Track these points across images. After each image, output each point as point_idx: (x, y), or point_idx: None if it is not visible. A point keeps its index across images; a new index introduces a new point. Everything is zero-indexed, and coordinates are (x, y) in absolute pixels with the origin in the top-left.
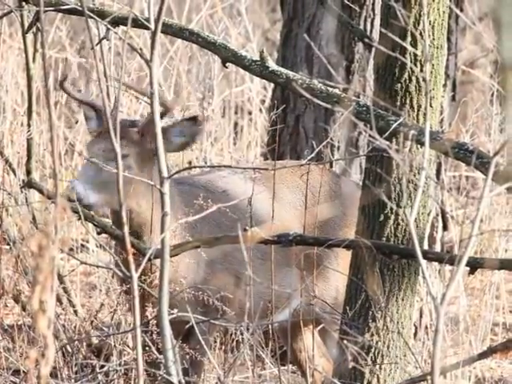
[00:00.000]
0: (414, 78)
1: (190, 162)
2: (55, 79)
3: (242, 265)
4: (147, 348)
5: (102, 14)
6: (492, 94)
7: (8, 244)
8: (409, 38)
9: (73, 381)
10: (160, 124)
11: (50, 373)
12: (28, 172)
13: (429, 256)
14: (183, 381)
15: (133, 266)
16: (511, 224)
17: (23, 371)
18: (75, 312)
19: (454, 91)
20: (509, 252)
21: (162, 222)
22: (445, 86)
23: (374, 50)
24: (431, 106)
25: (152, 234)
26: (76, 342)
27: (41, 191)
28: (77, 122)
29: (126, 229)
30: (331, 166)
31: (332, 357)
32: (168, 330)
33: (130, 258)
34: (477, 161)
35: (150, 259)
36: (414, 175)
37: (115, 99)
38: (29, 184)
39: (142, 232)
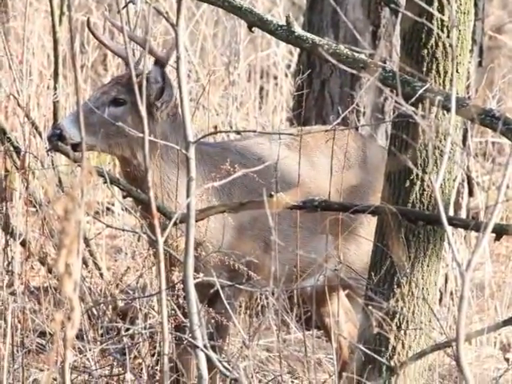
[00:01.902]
0: (440, 44)
1: (215, 127)
2: (81, 42)
3: (271, 231)
4: (173, 312)
5: None
6: None
7: (34, 207)
8: (435, 4)
9: (98, 343)
10: (186, 88)
11: (76, 335)
12: None
13: (454, 222)
14: (208, 345)
15: (158, 230)
16: None
17: (49, 333)
18: (101, 275)
19: (480, 57)
20: None
21: (188, 186)
22: (471, 51)
23: (400, 15)
24: (457, 71)
25: (156, 190)
26: (102, 305)
27: (67, 154)
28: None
29: (151, 193)
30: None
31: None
32: (193, 294)
33: (156, 222)
34: (503, 127)
35: (175, 223)
36: (440, 141)
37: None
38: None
39: (142, 186)
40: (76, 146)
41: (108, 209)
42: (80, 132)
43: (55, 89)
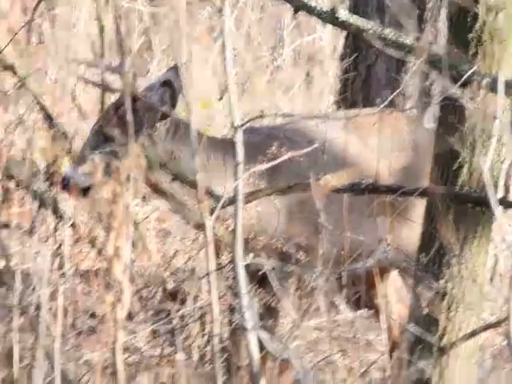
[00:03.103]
0: (486, 27)
1: (261, 111)
2: (127, 29)
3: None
4: (223, 293)
5: None
6: None
7: None
8: None
9: (149, 324)
10: (232, 74)
11: (127, 317)
12: None
13: (503, 204)
14: (258, 326)
15: (207, 213)
16: None
17: (100, 315)
18: (150, 258)
19: None
20: None
21: (236, 170)
22: None
23: None
24: (504, 54)
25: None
26: (152, 287)
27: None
28: (148, 72)
29: (200, 175)
30: None
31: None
32: (243, 276)
33: (204, 205)
34: None
35: (223, 206)
36: (488, 124)
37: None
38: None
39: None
40: (87, 190)
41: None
42: (87, 175)
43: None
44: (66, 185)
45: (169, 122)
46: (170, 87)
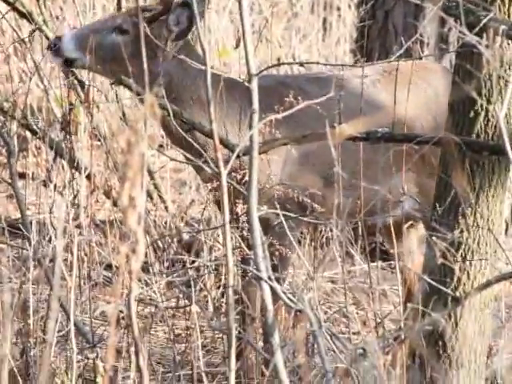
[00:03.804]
0: None
1: (278, 59)
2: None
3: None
4: (237, 244)
5: None
6: None
7: (99, 140)
8: None
9: (164, 276)
10: (248, 20)
11: (142, 268)
12: None
13: None
14: (273, 276)
15: (221, 163)
16: None
17: (115, 266)
18: (166, 208)
19: None
20: None
21: (251, 118)
22: None
23: None
24: None
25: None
26: (167, 238)
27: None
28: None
29: (215, 125)
30: None
31: None
32: (257, 227)
33: (219, 155)
34: None
35: (238, 156)
36: (505, 71)
37: None
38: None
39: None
40: (71, 62)
41: None
42: (77, 50)
43: None
44: (52, 48)
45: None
46: (188, 8)
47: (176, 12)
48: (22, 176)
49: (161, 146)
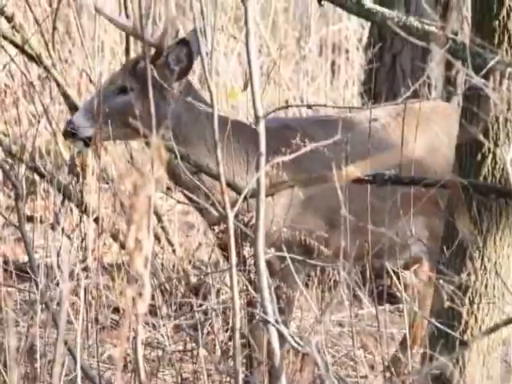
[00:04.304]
0: None
1: (286, 101)
2: (153, 18)
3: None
4: (244, 287)
5: None
6: None
7: (107, 183)
8: None
9: (171, 319)
10: (256, 62)
11: (150, 311)
12: None
13: None
14: (280, 320)
15: (228, 205)
16: None
17: (122, 309)
18: (173, 251)
19: None
20: None
21: (258, 161)
22: None
23: None
24: None
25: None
26: (174, 281)
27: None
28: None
29: (222, 168)
30: None
31: None
32: (264, 269)
33: (226, 197)
34: None
35: (245, 198)
36: None
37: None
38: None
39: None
40: (89, 139)
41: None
42: (92, 125)
43: None
44: (69, 133)
45: (184, 91)
46: (186, 46)
47: (175, 51)
48: (30, 219)
49: (168, 188)
